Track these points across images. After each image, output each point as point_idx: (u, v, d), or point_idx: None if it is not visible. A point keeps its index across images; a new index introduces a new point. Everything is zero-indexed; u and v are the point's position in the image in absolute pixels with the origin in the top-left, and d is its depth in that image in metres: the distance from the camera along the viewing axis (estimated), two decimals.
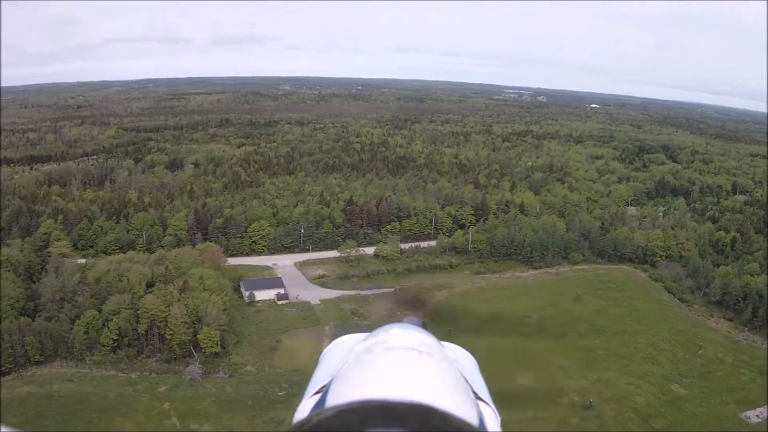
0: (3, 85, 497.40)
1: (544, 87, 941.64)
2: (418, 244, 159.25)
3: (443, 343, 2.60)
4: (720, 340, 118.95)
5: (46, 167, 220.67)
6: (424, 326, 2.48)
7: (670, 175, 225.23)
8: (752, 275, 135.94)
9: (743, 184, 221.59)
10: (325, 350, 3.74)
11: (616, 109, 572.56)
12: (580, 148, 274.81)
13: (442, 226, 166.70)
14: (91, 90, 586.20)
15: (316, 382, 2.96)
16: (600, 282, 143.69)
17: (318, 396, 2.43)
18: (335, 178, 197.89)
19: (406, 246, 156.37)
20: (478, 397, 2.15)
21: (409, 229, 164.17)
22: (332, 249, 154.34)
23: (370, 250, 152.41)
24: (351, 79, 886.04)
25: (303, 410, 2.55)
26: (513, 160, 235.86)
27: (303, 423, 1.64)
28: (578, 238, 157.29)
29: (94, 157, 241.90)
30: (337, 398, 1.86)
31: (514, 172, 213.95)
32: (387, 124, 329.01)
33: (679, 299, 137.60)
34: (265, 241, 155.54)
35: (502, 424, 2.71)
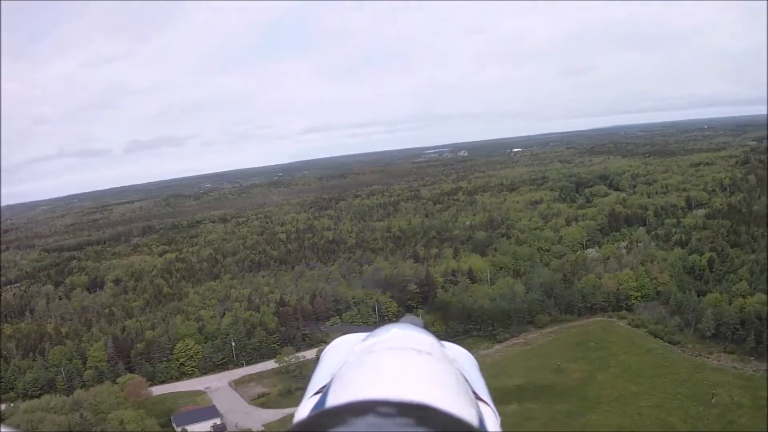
0: None
1: (463, 141, 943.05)
2: None
3: (443, 342, 2.61)
4: (730, 380, 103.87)
5: None
6: (425, 326, 2.57)
7: (618, 206, 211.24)
8: (744, 297, 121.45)
9: (697, 197, 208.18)
10: (325, 350, 3.59)
11: (539, 148, 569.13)
12: (516, 196, 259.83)
13: (387, 311, 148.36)
14: (19, 212, 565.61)
15: (316, 382, 2.97)
16: (577, 343, 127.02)
17: (318, 396, 2.45)
18: (263, 276, 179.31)
19: None
20: (478, 397, 2.19)
21: (352, 322, 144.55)
22: (269, 359, 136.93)
23: (312, 354, 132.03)
24: (271, 166, 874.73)
25: (303, 410, 2.56)
26: (449, 222, 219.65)
27: (303, 423, 1.64)
28: (541, 297, 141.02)
29: (17, 284, 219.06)
30: (337, 398, 1.87)
31: (454, 236, 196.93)
32: (311, 207, 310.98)
33: (669, 342, 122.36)
34: (194, 361, 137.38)
35: (502, 424, 2.71)
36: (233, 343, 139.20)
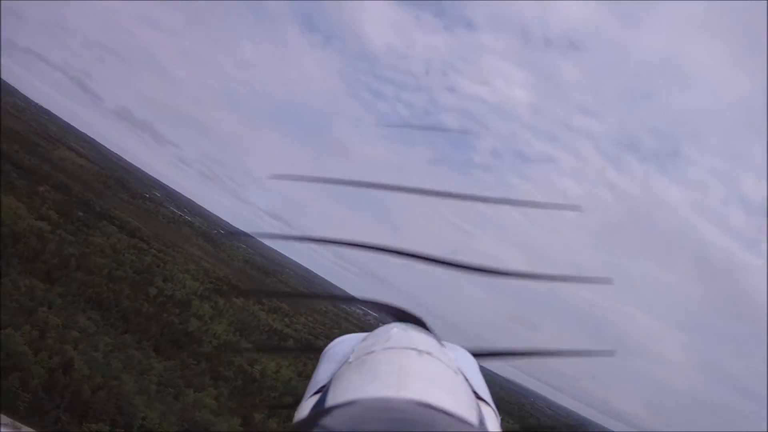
0: None
1: None
2: None
3: (443, 342, 2.28)
4: None
5: None
6: (425, 326, 2.51)
7: None
8: None
9: None
10: (325, 350, 2.87)
11: None
12: None
13: None
14: None
15: (317, 382, 2.75)
16: None
17: (318, 396, 2.19)
18: (88, 318, 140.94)
19: None
20: (478, 397, 2.02)
21: None
22: None
23: None
24: (219, 219, 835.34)
25: (303, 410, 2.23)
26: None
27: (303, 423, 1.68)
28: None
29: None
30: (337, 398, 1.82)
31: None
32: (211, 283, 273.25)
33: None
34: None
35: (502, 424, 2.42)
36: None
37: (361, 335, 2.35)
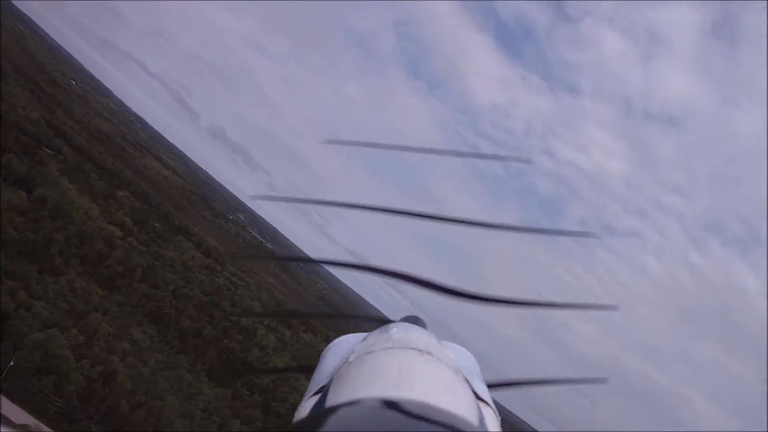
0: None
1: None
2: None
3: (444, 342, 2.28)
4: None
5: None
6: (425, 326, 2.53)
7: None
8: None
9: None
10: (325, 350, 3.29)
11: None
12: None
13: None
14: None
15: (317, 382, 2.80)
16: None
17: (318, 396, 2.06)
18: (144, 334, 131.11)
19: None
20: (478, 397, 1.96)
21: None
22: None
23: None
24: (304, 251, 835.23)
25: (303, 410, 2.47)
26: None
27: (303, 422, 1.63)
28: None
29: None
30: (337, 398, 1.71)
31: None
32: (277, 320, 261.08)
33: None
34: None
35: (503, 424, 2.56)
36: None
37: (361, 335, 2.30)
